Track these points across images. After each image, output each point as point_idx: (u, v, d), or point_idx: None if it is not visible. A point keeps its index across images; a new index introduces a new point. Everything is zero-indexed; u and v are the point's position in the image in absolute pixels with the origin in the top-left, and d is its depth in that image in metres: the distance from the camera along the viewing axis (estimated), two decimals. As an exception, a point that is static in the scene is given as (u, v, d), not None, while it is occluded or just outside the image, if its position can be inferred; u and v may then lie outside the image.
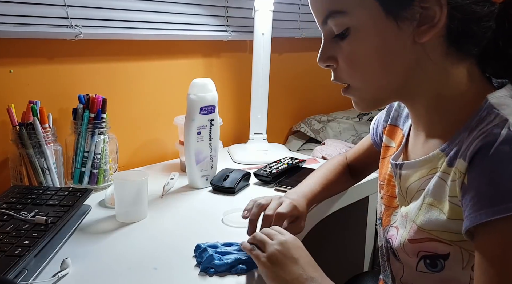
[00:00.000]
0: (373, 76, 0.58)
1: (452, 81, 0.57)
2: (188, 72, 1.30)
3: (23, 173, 0.91)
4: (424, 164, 0.60)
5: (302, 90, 1.74)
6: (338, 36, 0.58)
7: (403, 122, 0.73)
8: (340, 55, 0.59)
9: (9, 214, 0.74)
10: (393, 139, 0.75)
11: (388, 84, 0.58)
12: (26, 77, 0.99)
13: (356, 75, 0.59)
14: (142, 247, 0.77)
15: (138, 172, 0.93)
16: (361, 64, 0.57)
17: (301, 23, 1.59)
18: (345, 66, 0.59)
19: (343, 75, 0.60)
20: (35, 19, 0.95)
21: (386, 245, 0.68)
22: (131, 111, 1.20)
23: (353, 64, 0.58)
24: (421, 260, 0.60)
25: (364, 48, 0.56)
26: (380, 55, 0.56)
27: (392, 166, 0.67)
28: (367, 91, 0.60)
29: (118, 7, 1.09)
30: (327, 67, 0.62)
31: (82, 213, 0.82)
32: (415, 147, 0.66)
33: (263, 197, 0.81)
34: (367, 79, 0.59)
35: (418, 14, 0.53)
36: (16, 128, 0.90)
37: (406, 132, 0.70)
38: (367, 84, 0.59)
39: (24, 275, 0.61)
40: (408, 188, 0.63)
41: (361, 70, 0.58)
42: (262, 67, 1.27)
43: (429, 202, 0.58)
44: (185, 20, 1.23)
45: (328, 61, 0.61)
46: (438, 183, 0.57)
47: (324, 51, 0.60)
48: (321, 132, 1.61)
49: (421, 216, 0.59)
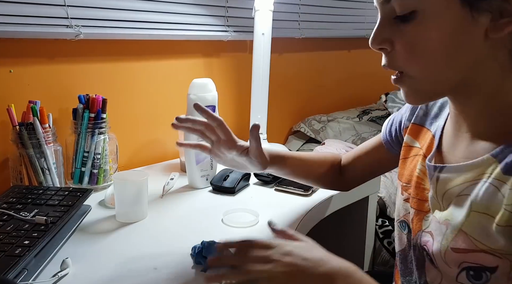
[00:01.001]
0: (433, 68, 0.54)
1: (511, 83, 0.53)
2: (188, 72, 1.30)
3: (23, 173, 0.91)
4: (472, 169, 0.56)
5: (302, 90, 1.74)
6: (400, 18, 0.53)
7: (430, 123, 0.69)
8: (400, 39, 0.54)
9: (9, 214, 0.74)
10: (417, 140, 0.70)
11: (447, 78, 0.55)
12: (26, 77, 0.99)
13: (415, 63, 0.54)
14: (142, 247, 0.77)
15: (138, 172, 0.93)
16: (423, 52, 0.53)
17: (301, 23, 1.59)
18: (403, 52, 0.54)
19: (399, 62, 0.55)
20: (35, 19, 0.95)
21: (420, 251, 0.64)
22: (131, 111, 1.20)
23: (414, 52, 0.53)
24: (463, 271, 0.56)
25: (430, 36, 0.52)
26: (446, 46, 0.52)
27: (429, 168, 0.62)
28: (423, 82, 0.56)
29: (118, 7, 1.09)
30: (380, 50, 0.57)
31: (82, 213, 0.82)
32: (455, 149, 0.61)
33: None
34: (426, 70, 0.54)
35: (497, 7, 0.49)
36: (16, 128, 0.90)
37: (437, 133, 0.65)
38: (425, 75, 0.55)
39: (24, 275, 0.61)
40: (446, 192, 0.59)
41: (422, 59, 0.53)
42: (262, 67, 1.27)
43: (478, 209, 0.54)
44: (185, 20, 1.23)
45: (383, 44, 0.56)
46: (489, 189, 0.53)
47: (380, 32, 0.55)
48: (321, 133, 1.61)
49: (469, 224, 0.54)
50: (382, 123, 1.74)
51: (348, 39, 1.86)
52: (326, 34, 1.72)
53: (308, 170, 0.88)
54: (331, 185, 0.92)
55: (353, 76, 1.96)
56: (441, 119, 0.67)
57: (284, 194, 1.02)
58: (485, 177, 0.53)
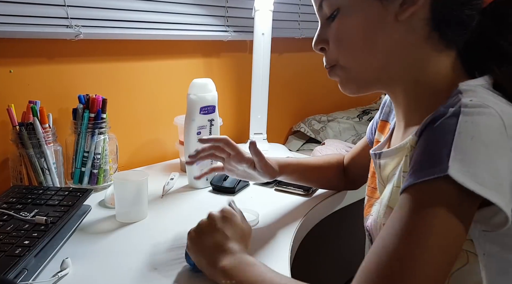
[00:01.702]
0: (357, 53, 0.60)
1: (432, 69, 0.58)
2: (188, 72, 1.30)
3: (23, 173, 0.91)
4: (399, 151, 0.61)
5: (302, 90, 1.74)
6: (330, 18, 0.61)
7: (392, 118, 0.74)
8: (330, 35, 0.62)
9: (9, 214, 0.74)
10: (383, 134, 0.77)
11: (371, 64, 0.60)
12: (26, 77, 0.99)
13: (342, 53, 0.61)
14: (142, 247, 0.77)
15: (138, 172, 0.93)
16: (346, 41, 0.60)
17: (301, 23, 1.59)
18: (334, 46, 0.62)
19: (332, 55, 0.63)
20: (35, 19, 0.95)
21: (368, 236, 0.70)
22: (131, 111, 1.20)
23: (340, 43, 0.61)
24: None
25: (350, 26, 0.59)
26: (363, 33, 0.58)
27: (372, 156, 0.69)
28: (351, 70, 0.62)
29: (118, 7, 1.09)
30: (321, 51, 0.64)
31: (82, 213, 0.82)
32: (396, 138, 0.67)
33: None
34: (352, 58, 0.61)
35: None
36: (16, 128, 0.90)
37: (391, 126, 0.72)
38: (352, 63, 0.61)
39: (24, 275, 0.61)
40: (387, 177, 0.65)
41: (346, 47, 0.60)
42: (262, 67, 1.27)
43: (397, 184, 0.60)
44: (185, 20, 1.23)
45: (321, 44, 0.63)
46: (405, 162, 0.58)
47: (319, 34, 0.64)
48: (321, 133, 1.61)
49: (392, 199, 0.60)
50: (382, 123, 1.74)
51: (348, 39, 1.86)
52: (326, 34, 1.72)
53: (317, 174, 0.95)
54: (340, 185, 0.98)
55: (353, 76, 1.96)
56: None
57: (284, 194, 1.02)
58: (407, 152, 0.58)
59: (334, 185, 0.99)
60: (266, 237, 0.81)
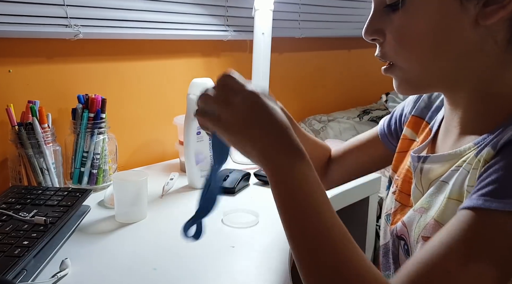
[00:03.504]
0: (422, 57, 0.52)
1: (507, 73, 0.52)
2: (188, 72, 1.30)
3: (22, 173, 0.91)
4: (453, 158, 0.54)
5: (302, 90, 1.74)
6: (390, 7, 0.52)
7: (430, 116, 0.67)
8: (390, 29, 0.53)
9: (8, 214, 0.73)
10: (416, 133, 0.68)
11: (437, 68, 0.53)
12: (25, 77, 0.99)
13: (403, 53, 0.53)
14: (142, 247, 0.76)
15: (137, 172, 0.92)
16: (411, 41, 0.52)
17: (301, 23, 1.59)
18: (393, 42, 0.53)
19: (390, 52, 0.54)
20: (34, 19, 0.95)
21: (396, 244, 0.62)
22: (130, 111, 1.20)
23: (402, 41, 0.52)
24: None
25: (418, 24, 0.51)
26: (434, 34, 0.50)
27: (412, 159, 0.61)
28: (412, 72, 0.54)
29: (118, 7, 1.08)
30: (373, 41, 0.56)
31: (82, 213, 0.82)
32: (444, 143, 0.60)
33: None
34: (415, 59, 0.53)
35: None
36: (15, 128, 0.90)
37: (435, 127, 0.64)
38: (414, 65, 0.54)
39: (24, 276, 0.61)
40: (429, 184, 0.58)
41: (410, 48, 0.52)
42: (262, 67, 1.26)
43: (453, 196, 0.52)
44: (185, 20, 1.23)
45: (375, 35, 0.55)
46: (462, 175, 0.52)
47: (372, 22, 0.55)
48: (321, 132, 1.61)
49: (442, 212, 0.53)
50: (382, 123, 1.74)
51: (348, 39, 1.86)
52: (326, 33, 1.72)
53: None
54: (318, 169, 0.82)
55: (353, 76, 1.96)
56: (441, 113, 0.65)
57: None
58: (464, 164, 0.52)
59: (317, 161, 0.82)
60: (266, 237, 0.81)
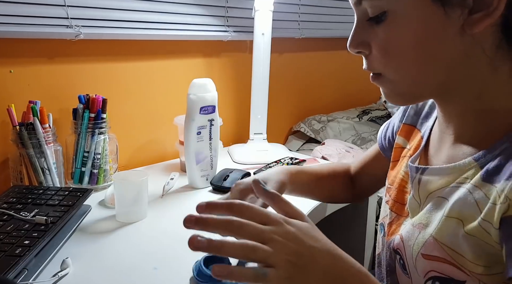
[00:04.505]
0: (409, 69, 0.51)
1: (499, 81, 0.50)
2: (188, 72, 1.30)
3: (23, 173, 0.91)
4: (453, 172, 0.53)
5: (302, 90, 1.74)
6: (373, 20, 0.51)
7: (421, 123, 0.66)
8: (374, 42, 0.52)
9: (9, 214, 0.74)
10: (408, 141, 0.67)
11: (426, 79, 0.51)
12: (26, 77, 0.99)
13: (390, 66, 0.52)
14: (142, 247, 0.77)
15: (138, 172, 0.93)
16: (397, 54, 0.50)
17: (301, 23, 1.59)
18: (378, 55, 0.52)
19: (376, 65, 0.53)
20: (35, 19, 0.95)
21: (392, 256, 0.61)
22: (131, 111, 1.20)
23: (387, 54, 0.51)
24: (429, 280, 0.53)
25: (402, 37, 0.49)
26: (420, 45, 0.49)
27: (411, 169, 0.59)
28: (400, 84, 0.53)
29: (118, 7, 1.09)
30: (358, 53, 0.55)
31: (82, 213, 0.82)
32: (438, 151, 0.58)
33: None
34: (403, 72, 0.52)
35: (471, 0, 0.46)
36: (16, 128, 0.90)
37: (426, 134, 0.63)
38: (402, 77, 0.52)
39: (24, 275, 0.61)
40: (427, 196, 0.56)
41: (396, 61, 0.51)
42: (262, 67, 1.27)
43: (452, 214, 0.51)
44: (185, 20, 1.23)
45: (360, 47, 0.54)
46: (466, 196, 0.49)
47: (356, 35, 0.54)
48: (321, 132, 1.61)
49: (440, 230, 0.52)
50: (382, 123, 1.74)
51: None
52: (326, 34, 1.72)
53: (322, 185, 0.83)
54: (347, 198, 0.87)
55: (353, 76, 1.96)
56: (431, 119, 0.64)
57: (284, 195, 1.02)
58: (466, 181, 0.51)
59: (341, 198, 0.88)
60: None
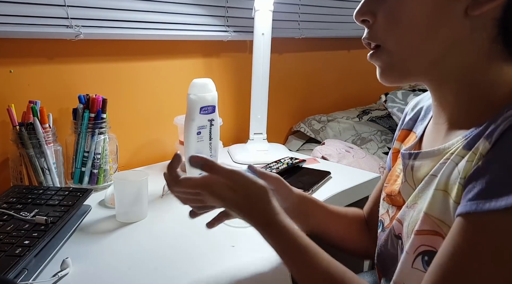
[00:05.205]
0: (410, 41, 0.53)
1: (492, 72, 0.52)
2: (188, 72, 1.31)
3: (23, 173, 0.92)
4: (441, 152, 0.55)
5: (302, 90, 1.74)
6: None
7: (417, 126, 0.69)
8: (382, 9, 0.54)
9: (9, 214, 0.74)
10: (403, 143, 0.70)
11: (425, 52, 0.53)
12: (26, 77, 0.99)
13: (393, 33, 0.54)
14: (142, 247, 0.77)
15: (138, 172, 0.93)
16: (402, 23, 0.53)
17: (301, 23, 1.59)
18: (384, 23, 0.54)
19: (379, 33, 0.55)
20: (35, 19, 0.95)
21: (394, 244, 0.62)
22: (131, 111, 1.20)
23: (393, 22, 0.53)
24: (419, 256, 0.54)
25: (411, 6, 0.52)
26: (426, 17, 0.51)
27: (403, 157, 0.61)
28: (397, 57, 0.55)
29: (118, 7, 1.09)
30: (362, 23, 0.57)
31: (82, 213, 0.82)
32: (432, 141, 0.60)
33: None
34: (403, 43, 0.54)
35: None
36: (16, 128, 0.90)
37: (420, 132, 0.66)
38: (401, 49, 0.54)
39: (24, 275, 0.61)
40: (420, 179, 0.58)
41: (400, 29, 0.53)
42: (262, 67, 1.27)
43: (440, 187, 0.52)
44: (185, 20, 1.23)
45: (366, 15, 0.56)
46: (451, 167, 0.52)
47: (365, 4, 0.56)
48: (321, 132, 1.61)
49: (431, 204, 0.53)
50: (382, 123, 1.74)
51: (348, 39, 1.86)
52: (325, 34, 1.73)
53: (339, 222, 0.79)
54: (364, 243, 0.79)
55: (353, 76, 1.96)
56: (426, 120, 0.67)
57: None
58: (451, 156, 0.52)
59: (358, 241, 0.79)
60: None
